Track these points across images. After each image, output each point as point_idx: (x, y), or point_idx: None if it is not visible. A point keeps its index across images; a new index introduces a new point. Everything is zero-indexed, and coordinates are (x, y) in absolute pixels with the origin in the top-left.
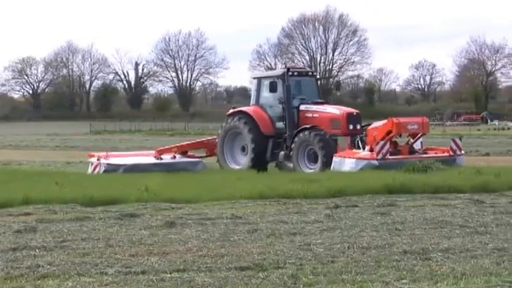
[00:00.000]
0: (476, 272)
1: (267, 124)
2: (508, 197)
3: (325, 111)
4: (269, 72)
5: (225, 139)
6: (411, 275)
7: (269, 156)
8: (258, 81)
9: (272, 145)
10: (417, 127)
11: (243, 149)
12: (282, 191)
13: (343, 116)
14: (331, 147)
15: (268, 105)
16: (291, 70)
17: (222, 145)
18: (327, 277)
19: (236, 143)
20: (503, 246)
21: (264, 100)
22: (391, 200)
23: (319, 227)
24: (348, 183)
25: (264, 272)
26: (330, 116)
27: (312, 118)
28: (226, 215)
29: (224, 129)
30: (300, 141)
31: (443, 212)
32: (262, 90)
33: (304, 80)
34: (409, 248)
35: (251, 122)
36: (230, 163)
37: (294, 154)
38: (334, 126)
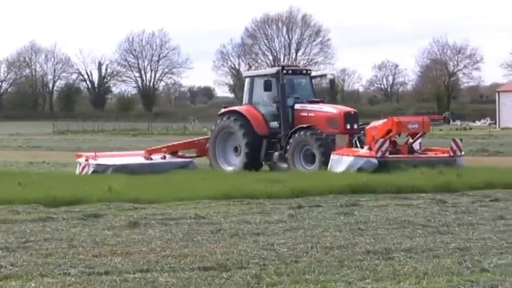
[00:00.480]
0: (438, 271)
1: (260, 124)
2: (469, 196)
3: (321, 111)
4: (262, 70)
5: (216, 139)
6: (374, 275)
7: (263, 157)
8: (251, 80)
9: (266, 145)
10: (418, 126)
11: (236, 150)
12: (246, 191)
13: (341, 115)
14: (329, 148)
15: (262, 104)
16: (286, 68)
17: (213, 145)
18: (290, 277)
19: (228, 143)
20: (465, 245)
21: (257, 99)
22: (354, 200)
23: (282, 227)
24: (311, 183)
25: (228, 272)
26: (327, 115)
27: (308, 117)
28: (190, 215)
29: (216, 129)
30: (296, 142)
31: (406, 212)
32: (255, 89)
33: (298, 78)
34: (372, 248)
35: (244, 121)
36: (222, 164)
37: (289, 155)
38: (332, 125)
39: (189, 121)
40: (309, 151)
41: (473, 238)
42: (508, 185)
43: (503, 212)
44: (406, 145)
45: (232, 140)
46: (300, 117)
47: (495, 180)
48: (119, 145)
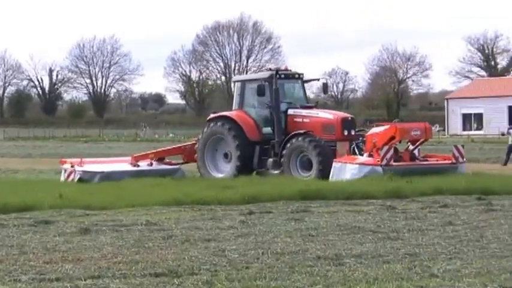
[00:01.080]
0: (388, 277)
1: (252, 130)
2: (419, 202)
3: (317, 116)
4: (254, 74)
5: (205, 146)
6: (324, 281)
7: (256, 164)
8: (242, 85)
9: (259, 152)
10: (420, 133)
11: (226, 156)
12: (197, 198)
13: (338, 120)
14: (327, 154)
15: (253, 109)
16: (279, 72)
17: (202, 152)
18: (241, 283)
19: (218, 149)
20: (414, 251)
21: (249, 104)
22: (305, 206)
23: (233, 233)
24: (262, 189)
25: (179, 278)
26: (323, 121)
27: (302, 123)
28: (141, 222)
29: (205, 135)
30: (292, 148)
31: (356, 218)
32: (247, 94)
33: (291, 82)
34: (323, 254)
35: (235, 127)
36: (212, 171)
37: (285, 161)
38: (328, 131)
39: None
40: (305, 157)
41: (423, 244)
42: (456, 191)
43: (452, 218)
44: (408, 152)
45: (222, 146)
46: (293, 123)
47: (444, 186)
48: (70, 152)
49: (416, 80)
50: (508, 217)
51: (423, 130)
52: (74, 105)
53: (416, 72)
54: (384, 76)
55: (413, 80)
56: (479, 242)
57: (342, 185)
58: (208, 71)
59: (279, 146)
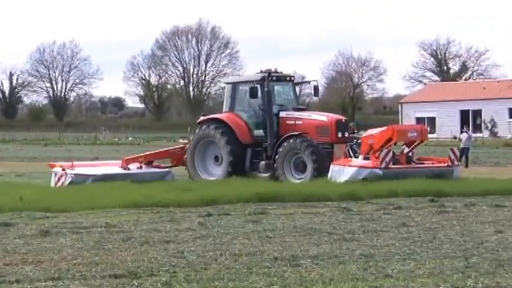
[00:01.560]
0: (344, 277)
1: (244, 132)
2: (374, 204)
3: (310, 118)
4: (245, 76)
5: (196, 149)
6: (281, 281)
7: (248, 167)
8: (233, 87)
9: (251, 155)
10: (417, 135)
11: (217, 159)
12: (156, 200)
13: (332, 123)
14: (322, 156)
15: (245, 111)
16: (272, 75)
17: (192, 155)
18: (199, 284)
19: (208, 152)
20: (369, 252)
21: (240, 106)
22: (262, 208)
23: (192, 235)
24: (220, 192)
25: (138, 280)
26: (317, 123)
27: (295, 125)
28: (101, 224)
29: (195, 138)
30: (286, 150)
31: (313, 219)
32: (238, 96)
33: (282, 85)
34: (280, 255)
35: (227, 130)
36: (202, 174)
37: (278, 164)
38: (322, 133)
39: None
40: (299, 159)
41: (377, 245)
42: (410, 193)
43: (406, 219)
44: (404, 154)
45: (213, 149)
46: (286, 125)
47: (398, 189)
48: (31, 155)
49: (371, 85)
50: (459, 219)
51: (419, 132)
52: (34, 108)
53: (371, 77)
54: (340, 80)
55: (368, 84)
56: (432, 243)
57: (298, 188)
58: (167, 75)
59: (271, 148)
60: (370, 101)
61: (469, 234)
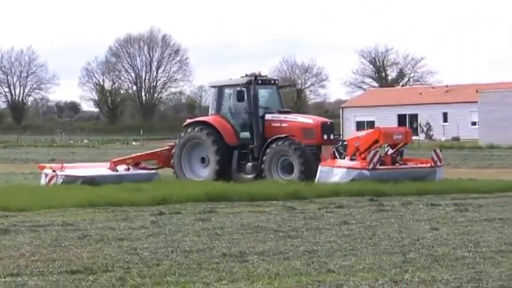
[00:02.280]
0: (288, 272)
1: (230, 134)
2: (317, 203)
3: (295, 121)
4: (232, 80)
5: (182, 150)
6: (230, 276)
7: (235, 168)
8: (219, 90)
9: (238, 156)
10: (402, 137)
11: (203, 161)
12: (110, 199)
13: (318, 125)
14: (308, 158)
15: (231, 114)
16: (257, 78)
17: (179, 157)
18: (152, 279)
19: (194, 154)
20: (312, 248)
21: (226, 109)
22: (211, 207)
23: (144, 233)
24: (171, 192)
25: (94, 275)
26: (303, 125)
27: (280, 128)
28: (58, 222)
29: (182, 140)
30: (273, 152)
31: (259, 218)
32: (224, 99)
33: (267, 88)
34: (228, 251)
35: (213, 132)
36: (189, 175)
37: (266, 165)
38: (307, 135)
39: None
40: (286, 161)
41: (320, 241)
42: (351, 192)
43: (347, 217)
44: (389, 156)
45: (199, 151)
46: (271, 127)
47: (340, 189)
48: None
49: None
50: (397, 217)
51: (404, 134)
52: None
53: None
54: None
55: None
56: (371, 239)
57: (245, 187)
58: (121, 81)
59: (258, 150)
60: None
61: (406, 231)
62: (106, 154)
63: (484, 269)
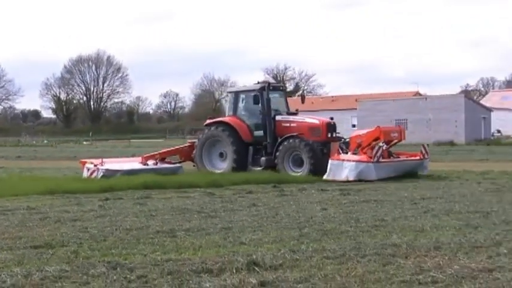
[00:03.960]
0: (209, 245)
1: (246, 133)
2: (231, 190)
3: (304, 121)
4: (247, 86)
5: (203, 146)
6: (162, 249)
7: (251, 162)
8: (235, 95)
9: (253, 151)
10: (397, 135)
11: (221, 155)
12: (66, 188)
13: (323, 124)
14: (317, 153)
15: (246, 116)
16: (271, 85)
17: (200, 152)
18: (100, 252)
19: (214, 149)
20: (228, 226)
21: (241, 111)
22: (147, 194)
23: (94, 215)
24: (115, 182)
25: (53, 249)
26: (310, 125)
27: (290, 127)
28: (23, 207)
29: (203, 138)
30: (285, 148)
31: (186, 202)
32: (240, 103)
33: (276, 93)
34: (161, 229)
35: (232, 131)
36: (209, 168)
37: (279, 159)
38: (314, 134)
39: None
40: (297, 156)
41: (234, 220)
42: (258, 181)
43: (255, 201)
44: (386, 150)
45: (218, 147)
46: (281, 127)
47: (250, 178)
48: None
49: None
50: (295, 200)
51: (399, 132)
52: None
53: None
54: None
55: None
56: (275, 218)
57: (175, 178)
58: (73, 93)
59: (270, 146)
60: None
61: (302, 211)
62: (62, 152)
63: (362, 240)
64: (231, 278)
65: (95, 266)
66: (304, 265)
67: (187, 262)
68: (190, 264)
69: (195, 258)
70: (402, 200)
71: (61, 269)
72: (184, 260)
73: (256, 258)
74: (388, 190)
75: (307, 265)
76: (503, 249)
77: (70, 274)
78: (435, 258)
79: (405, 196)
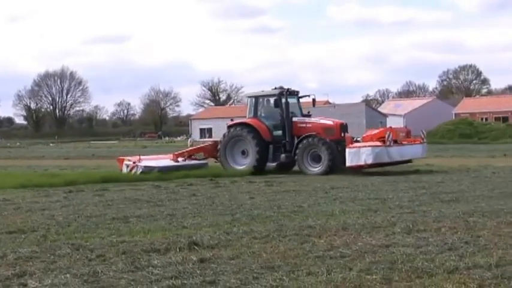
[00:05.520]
0: (157, 228)
1: (266, 133)
2: (175, 183)
3: (319, 122)
4: (265, 91)
5: (227, 145)
6: (117, 233)
7: (271, 159)
8: (255, 99)
9: (273, 149)
10: (405, 134)
11: (243, 153)
12: (36, 182)
13: (337, 125)
14: (334, 150)
15: (265, 117)
16: (289, 91)
17: (224, 150)
18: (65, 236)
19: (236, 148)
20: (173, 213)
21: (261, 114)
22: (105, 187)
23: (59, 205)
24: (77, 177)
25: (24, 234)
26: (325, 126)
27: (306, 128)
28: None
29: (227, 137)
30: (304, 146)
31: (137, 193)
32: (259, 106)
33: (291, 98)
34: (116, 216)
35: (253, 131)
36: (232, 164)
37: (298, 156)
38: (329, 133)
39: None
40: (315, 153)
41: (178, 208)
42: (198, 175)
43: (195, 191)
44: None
45: (240, 145)
46: (298, 127)
47: (190, 174)
48: None
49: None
50: (228, 190)
51: (406, 132)
52: None
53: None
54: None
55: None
56: (211, 206)
57: (127, 174)
58: (42, 103)
59: (289, 145)
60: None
61: (234, 199)
62: (32, 152)
63: (283, 223)
64: (175, 256)
65: (60, 247)
66: (236, 244)
67: (138, 243)
68: (141, 245)
69: (145, 240)
70: (316, 190)
71: (32, 251)
72: (136, 242)
73: (196, 239)
74: (305, 182)
75: (238, 244)
76: (397, 229)
77: (39, 255)
78: (343, 237)
79: (318, 186)
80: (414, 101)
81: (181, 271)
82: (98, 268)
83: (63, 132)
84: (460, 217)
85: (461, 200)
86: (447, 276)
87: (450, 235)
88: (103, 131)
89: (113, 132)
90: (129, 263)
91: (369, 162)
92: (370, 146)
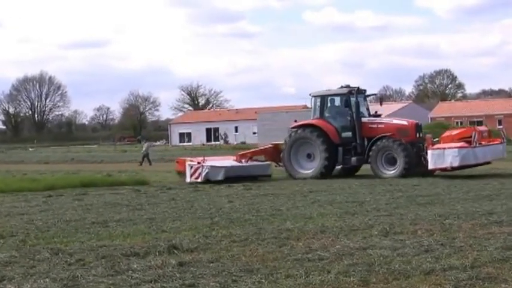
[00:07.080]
0: (136, 232)
1: (334, 134)
2: (155, 187)
3: (392, 123)
4: (332, 90)
5: (291, 148)
6: (97, 237)
7: (341, 162)
8: (322, 99)
9: (343, 152)
10: (487, 134)
11: (309, 156)
12: (15, 187)
13: (412, 126)
14: (410, 152)
15: (333, 118)
16: (359, 89)
17: (288, 153)
18: (44, 240)
19: (300, 151)
20: (152, 216)
21: (328, 114)
22: (84, 191)
23: (39, 209)
24: (56, 181)
25: (4, 239)
26: (399, 126)
27: (377, 128)
28: None
29: (291, 140)
30: (378, 148)
31: (116, 197)
32: (326, 106)
33: (359, 97)
34: (96, 220)
35: (320, 133)
36: (297, 168)
37: (372, 159)
38: (403, 134)
39: None
40: (390, 155)
41: (157, 212)
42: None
43: (174, 196)
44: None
45: (305, 148)
46: (368, 128)
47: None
48: None
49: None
50: (207, 194)
51: (488, 132)
52: None
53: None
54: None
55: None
56: (190, 209)
57: (107, 178)
58: (20, 107)
59: (360, 147)
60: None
61: (213, 203)
62: (10, 157)
63: (262, 226)
64: (155, 259)
65: (40, 252)
66: (215, 248)
67: (118, 247)
68: (120, 249)
69: (124, 244)
70: (294, 193)
71: (11, 255)
72: (115, 246)
73: (175, 243)
74: (283, 185)
75: (218, 248)
76: (374, 231)
77: (19, 259)
78: (321, 240)
79: (296, 190)
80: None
81: (161, 275)
82: (78, 272)
83: (42, 136)
84: (436, 219)
85: (437, 203)
86: (423, 278)
87: (426, 237)
88: (82, 136)
89: (92, 136)
90: (108, 267)
91: (455, 165)
92: (456, 148)
